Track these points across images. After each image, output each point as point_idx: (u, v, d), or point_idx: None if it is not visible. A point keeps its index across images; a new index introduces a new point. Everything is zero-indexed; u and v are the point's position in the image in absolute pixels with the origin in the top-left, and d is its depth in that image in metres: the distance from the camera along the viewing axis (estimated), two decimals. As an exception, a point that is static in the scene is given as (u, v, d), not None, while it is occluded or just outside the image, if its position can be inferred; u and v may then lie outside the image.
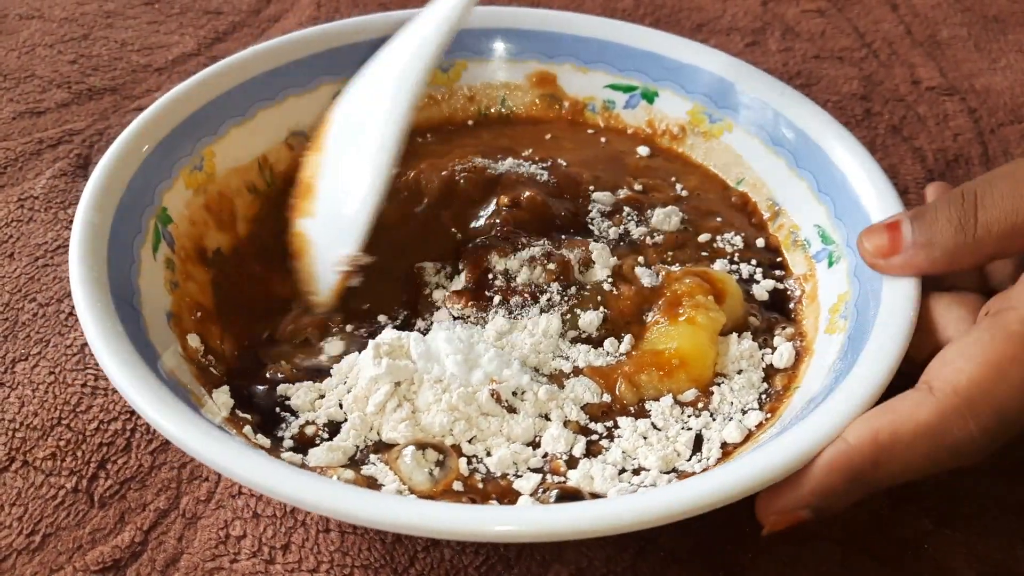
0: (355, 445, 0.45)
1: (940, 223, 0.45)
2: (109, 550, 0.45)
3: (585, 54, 0.64)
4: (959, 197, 0.45)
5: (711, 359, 0.49)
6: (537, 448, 0.46)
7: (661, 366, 0.48)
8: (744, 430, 0.46)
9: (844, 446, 0.40)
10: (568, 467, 0.45)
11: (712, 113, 0.61)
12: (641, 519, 0.38)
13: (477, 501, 0.43)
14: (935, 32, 0.83)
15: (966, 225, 0.44)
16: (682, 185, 0.61)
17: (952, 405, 0.39)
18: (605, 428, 0.47)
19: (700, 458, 0.46)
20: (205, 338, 0.49)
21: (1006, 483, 0.49)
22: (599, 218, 0.57)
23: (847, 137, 0.55)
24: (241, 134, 0.58)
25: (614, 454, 0.46)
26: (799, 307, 0.53)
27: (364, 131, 0.53)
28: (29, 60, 0.74)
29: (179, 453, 0.49)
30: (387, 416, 0.46)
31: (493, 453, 0.45)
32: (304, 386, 0.48)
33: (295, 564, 0.44)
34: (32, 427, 0.49)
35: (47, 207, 0.62)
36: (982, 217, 0.44)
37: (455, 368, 0.47)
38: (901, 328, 0.45)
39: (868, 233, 0.48)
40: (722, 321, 0.50)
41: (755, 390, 0.49)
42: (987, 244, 0.44)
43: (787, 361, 0.50)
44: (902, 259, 0.46)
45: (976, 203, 0.44)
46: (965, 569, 0.46)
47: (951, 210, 0.45)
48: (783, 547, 0.46)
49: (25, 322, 0.55)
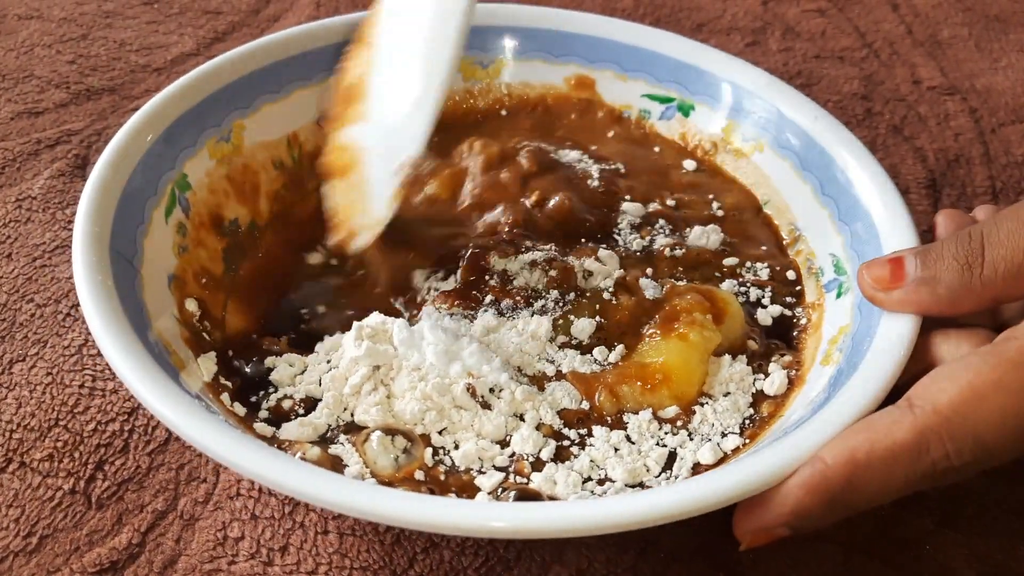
0: (327, 424, 0.46)
1: (946, 260, 0.44)
2: (107, 552, 0.44)
3: (627, 62, 0.64)
4: (966, 236, 0.44)
5: (697, 378, 0.48)
6: (506, 447, 0.46)
7: (645, 379, 0.48)
8: (719, 453, 0.46)
9: (821, 465, 0.39)
10: (533, 469, 0.45)
11: (745, 132, 0.61)
12: (605, 523, 0.37)
13: (435, 492, 0.43)
14: (936, 32, 0.83)
15: (973, 263, 0.43)
16: (719, 204, 0.59)
17: (930, 424, 0.39)
18: (578, 435, 0.47)
19: (669, 476, 0.45)
20: (207, 305, 0.51)
21: (1007, 484, 0.49)
22: (627, 229, 0.57)
23: (875, 167, 0.54)
24: (273, 110, 0.59)
25: (582, 461, 0.45)
26: (803, 336, 0.52)
27: (420, 22, 0.51)
28: (27, 60, 0.74)
29: (177, 454, 0.49)
30: (362, 398, 0.46)
31: (460, 446, 0.45)
32: (287, 358, 0.49)
33: (293, 566, 0.44)
34: (29, 428, 0.49)
35: (45, 207, 0.61)
36: (988, 256, 0.43)
37: (434, 358, 0.46)
38: (888, 366, 0.43)
39: (869, 265, 0.47)
40: (716, 341, 0.49)
41: (739, 414, 0.48)
42: (993, 285, 0.43)
43: (778, 388, 0.48)
44: (903, 293, 0.45)
45: (983, 242, 0.43)
46: (966, 569, 0.45)
47: (958, 248, 0.44)
48: (784, 548, 0.46)
49: (23, 323, 0.54)
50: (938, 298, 0.44)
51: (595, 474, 0.45)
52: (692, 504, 0.38)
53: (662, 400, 0.48)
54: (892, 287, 0.45)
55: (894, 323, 0.45)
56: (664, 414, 0.47)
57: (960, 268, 0.43)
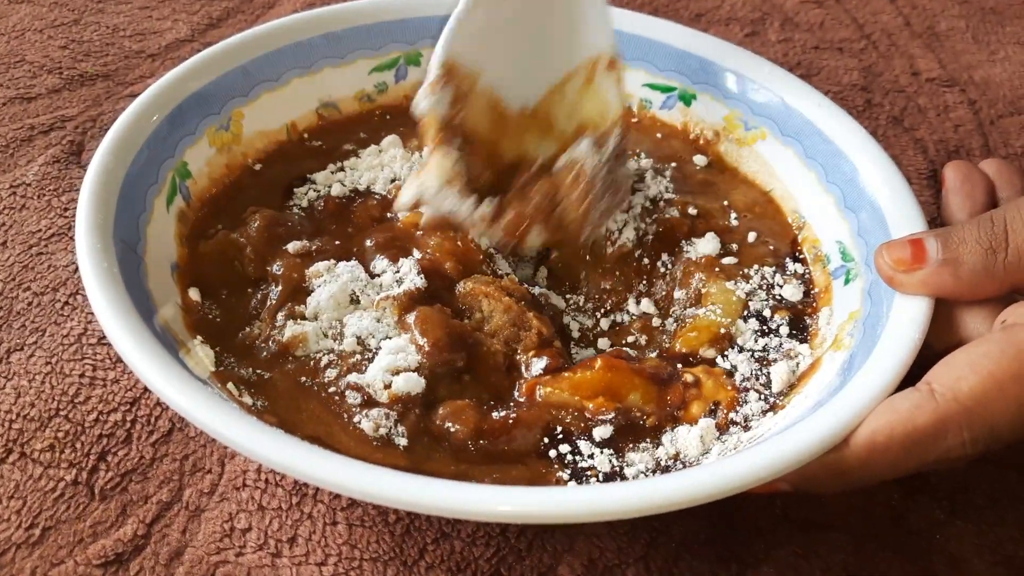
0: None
1: (969, 244, 0.44)
2: (111, 543, 0.44)
3: (628, 51, 0.63)
4: (988, 221, 0.44)
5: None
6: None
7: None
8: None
9: (840, 444, 0.40)
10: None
11: (748, 120, 0.60)
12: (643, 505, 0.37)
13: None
14: (933, 24, 0.83)
15: (997, 248, 0.43)
16: (736, 213, 0.57)
17: (951, 414, 0.39)
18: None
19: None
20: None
21: (1017, 475, 0.49)
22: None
23: (880, 154, 0.54)
24: (272, 100, 0.59)
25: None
26: (813, 323, 0.51)
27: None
28: (19, 45, 0.73)
29: (181, 445, 0.48)
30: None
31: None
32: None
33: (302, 557, 0.44)
34: (29, 418, 0.48)
35: (40, 194, 0.60)
36: (1013, 241, 0.43)
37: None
38: (904, 349, 0.43)
39: (889, 246, 0.47)
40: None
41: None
42: (1017, 270, 0.43)
43: (784, 382, 0.48)
44: (924, 275, 0.45)
45: (1007, 227, 0.43)
46: (976, 559, 0.45)
47: (980, 232, 0.44)
48: (795, 537, 0.46)
49: (20, 311, 0.53)
50: (960, 281, 0.44)
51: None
52: (706, 490, 0.38)
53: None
54: (913, 268, 0.45)
55: (908, 306, 0.45)
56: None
57: (984, 252, 0.43)
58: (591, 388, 0.46)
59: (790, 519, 0.46)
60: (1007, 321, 0.43)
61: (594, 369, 0.47)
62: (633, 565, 0.44)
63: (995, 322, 0.44)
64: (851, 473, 0.40)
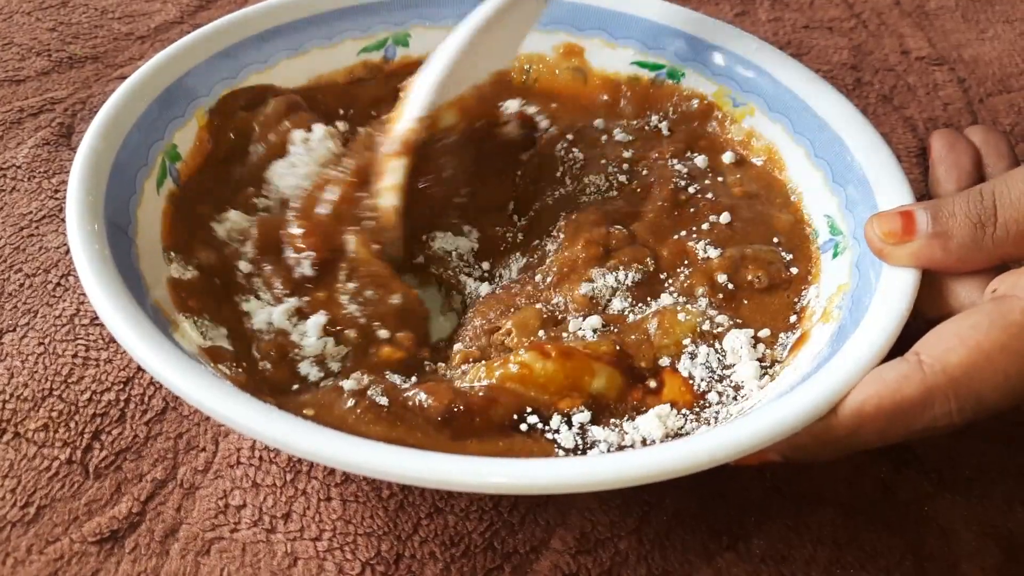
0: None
1: (958, 217, 0.44)
2: (106, 521, 0.44)
3: (616, 29, 0.63)
4: (978, 195, 0.44)
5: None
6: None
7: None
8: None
9: (831, 416, 0.40)
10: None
11: (736, 97, 0.61)
12: (632, 476, 0.37)
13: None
14: (923, 2, 0.83)
15: (985, 222, 0.44)
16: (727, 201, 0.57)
17: (939, 384, 0.40)
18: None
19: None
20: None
21: (1004, 447, 0.49)
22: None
23: (868, 128, 0.54)
24: (260, 81, 0.59)
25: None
26: (802, 295, 0.51)
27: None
28: (7, 27, 0.72)
29: (175, 423, 0.48)
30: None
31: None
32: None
33: (297, 533, 0.44)
34: (23, 398, 0.48)
35: (30, 176, 0.60)
36: (1001, 216, 0.43)
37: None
38: (892, 319, 0.43)
39: (879, 217, 0.47)
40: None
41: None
42: (1004, 245, 0.43)
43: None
44: (914, 247, 0.45)
45: (995, 201, 0.44)
46: (964, 531, 0.46)
47: (970, 205, 0.44)
48: (786, 510, 0.46)
49: (12, 292, 0.53)
50: (949, 254, 0.44)
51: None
52: (695, 459, 0.38)
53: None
54: (903, 240, 0.45)
55: (896, 278, 0.45)
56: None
57: (973, 226, 0.44)
58: (557, 385, 0.44)
59: (781, 492, 0.47)
60: (997, 291, 0.43)
61: (550, 359, 0.45)
62: (626, 538, 0.45)
63: (986, 291, 0.44)
64: (839, 442, 0.40)
